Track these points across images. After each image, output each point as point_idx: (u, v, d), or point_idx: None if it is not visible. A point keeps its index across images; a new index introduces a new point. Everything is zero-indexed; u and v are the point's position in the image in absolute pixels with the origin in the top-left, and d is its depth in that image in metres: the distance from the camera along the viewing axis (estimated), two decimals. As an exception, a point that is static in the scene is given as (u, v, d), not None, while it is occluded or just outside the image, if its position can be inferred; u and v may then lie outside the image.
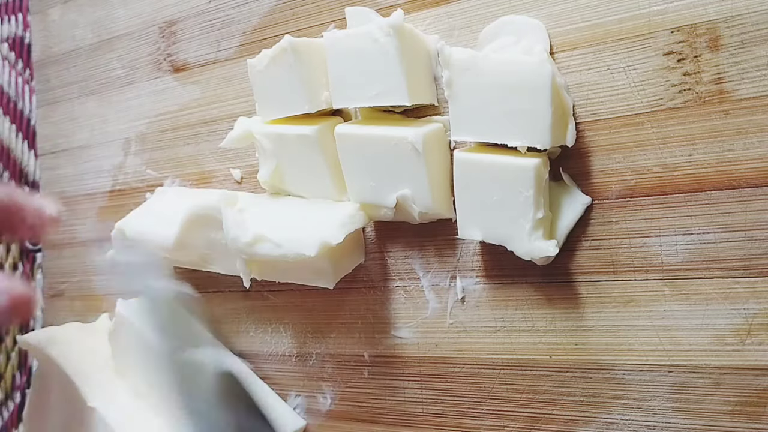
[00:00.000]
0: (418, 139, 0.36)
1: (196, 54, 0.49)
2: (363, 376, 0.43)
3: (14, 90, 0.62)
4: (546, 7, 0.35)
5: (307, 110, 0.39)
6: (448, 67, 0.34)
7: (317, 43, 0.40)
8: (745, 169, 0.31)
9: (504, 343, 0.38)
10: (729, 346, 0.32)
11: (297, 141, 0.40)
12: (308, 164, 0.40)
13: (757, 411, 0.32)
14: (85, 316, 0.54)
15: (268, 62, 0.40)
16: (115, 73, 0.54)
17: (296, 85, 0.39)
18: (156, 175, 0.51)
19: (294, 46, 0.38)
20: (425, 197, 0.37)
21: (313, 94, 0.39)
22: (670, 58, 0.33)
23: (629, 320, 0.34)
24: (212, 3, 0.48)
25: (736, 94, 0.31)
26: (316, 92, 0.39)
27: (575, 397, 0.36)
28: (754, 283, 0.32)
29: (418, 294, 0.40)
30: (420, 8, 0.39)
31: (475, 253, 0.38)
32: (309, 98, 0.39)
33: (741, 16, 0.31)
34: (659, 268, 0.34)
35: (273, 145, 0.41)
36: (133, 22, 0.52)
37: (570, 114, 0.34)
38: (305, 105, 0.39)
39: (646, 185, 0.34)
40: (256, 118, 0.43)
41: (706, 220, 0.32)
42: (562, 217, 0.35)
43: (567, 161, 0.36)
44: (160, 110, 0.51)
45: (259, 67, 0.41)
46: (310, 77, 0.39)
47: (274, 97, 0.41)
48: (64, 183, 0.57)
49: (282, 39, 0.39)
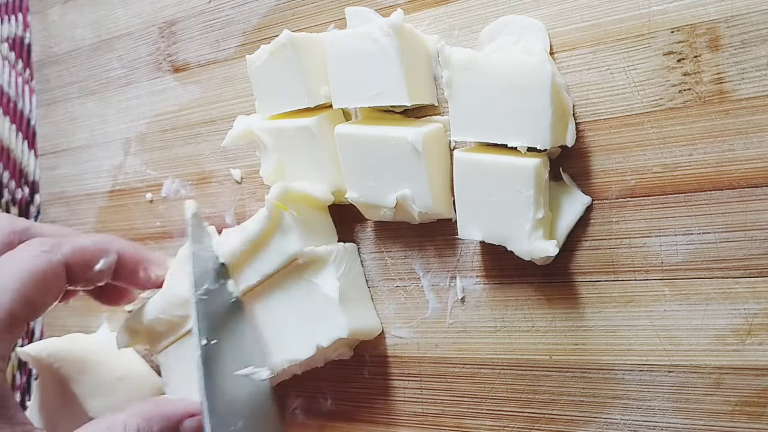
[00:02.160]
0: (418, 139, 0.36)
1: (195, 54, 0.49)
2: (363, 376, 0.43)
3: (14, 90, 0.62)
4: (546, 7, 0.36)
5: (307, 104, 0.40)
6: (448, 67, 0.35)
7: (316, 38, 0.40)
8: (745, 169, 0.31)
9: (504, 343, 0.38)
10: (729, 346, 0.32)
11: (297, 133, 0.40)
12: (309, 156, 0.40)
13: (757, 411, 0.32)
14: (84, 316, 0.54)
15: (267, 57, 0.40)
16: (114, 73, 0.54)
17: (295, 80, 0.39)
18: (156, 175, 0.51)
19: (292, 40, 0.39)
20: (425, 197, 0.37)
21: (313, 88, 0.39)
22: (670, 58, 0.33)
23: (629, 320, 0.34)
24: (212, 3, 0.48)
25: (736, 94, 0.31)
26: (316, 86, 0.40)
27: (575, 397, 0.36)
28: (754, 283, 0.32)
29: (418, 294, 0.40)
30: (420, 8, 0.39)
31: (475, 253, 0.38)
32: (308, 92, 0.39)
33: (741, 16, 0.31)
34: (659, 268, 0.34)
35: (273, 140, 0.41)
36: (133, 22, 0.52)
37: (570, 114, 0.34)
38: (304, 99, 0.39)
39: (646, 185, 0.34)
40: (255, 115, 0.43)
41: (706, 220, 0.32)
42: (562, 217, 0.35)
43: (567, 161, 0.36)
44: (159, 110, 0.51)
45: (258, 63, 0.41)
46: (309, 71, 0.39)
47: (273, 93, 0.41)
48: (63, 183, 0.57)
49: (280, 34, 0.39)
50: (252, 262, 0.41)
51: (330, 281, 0.39)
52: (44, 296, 0.37)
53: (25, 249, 0.38)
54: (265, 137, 0.41)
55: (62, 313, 0.56)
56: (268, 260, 0.40)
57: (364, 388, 0.43)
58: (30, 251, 0.37)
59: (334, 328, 0.38)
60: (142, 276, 0.43)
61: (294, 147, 0.41)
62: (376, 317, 0.42)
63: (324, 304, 0.39)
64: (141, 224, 0.52)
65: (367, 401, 0.43)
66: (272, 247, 0.40)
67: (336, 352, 0.42)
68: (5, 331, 0.35)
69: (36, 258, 0.37)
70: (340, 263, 0.40)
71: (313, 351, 0.39)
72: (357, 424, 0.43)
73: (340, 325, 0.38)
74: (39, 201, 0.60)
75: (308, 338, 0.39)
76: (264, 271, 0.40)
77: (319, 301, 0.39)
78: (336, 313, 0.38)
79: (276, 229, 0.40)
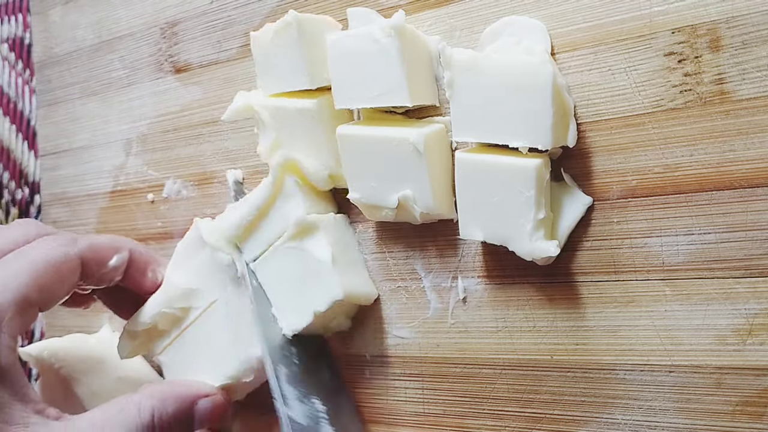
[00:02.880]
0: (420, 140, 0.36)
1: (197, 55, 0.49)
2: (364, 375, 0.43)
3: (14, 90, 0.62)
4: (547, 8, 0.36)
5: (308, 86, 0.40)
6: (450, 68, 0.35)
7: (321, 20, 0.41)
8: (746, 169, 0.32)
9: (505, 344, 0.38)
10: (730, 346, 0.32)
11: (297, 114, 0.40)
12: (307, 137, 0.40)
13: (758, 411, 0.32)
14: (86, 316, 0.54)
15: (272, 36, 0.40)
16: (116, 73, 0.54)
17: (299, 61, 0.39)
18: (157, 176, 0.51)
19: (299, 20, 0.39)
20: (427, 198, 0.37)
21: (316, 70, 0.40)
22: (671, 58, 0.33)
23: (630, 320, 0.34)
24: (214, 4, 0.48)
25: (737, 94, 0.32)
26: (318, 69, 0.40)
27: (576, 397, 0.36)
28: (755, 283, 0.32)
29: (420, 294, 0.40)
30: (421, 9, 0.40)
31: (476, 254, 0.39)
32: (311, 74, 0.39)
33: (742, 17, 0.31)
34: (660, 269, 0.34)
35: (273, 118, 0.41)
36: (135, 22, 0.52)
37: (571, 114, 0.35)
38: (307, 80, 0.40)
39: (647, 185, 0.34)
40: (256, 91, 0.43)
41: (707, 221, 0.32)
42: (563, 218, 0.35)
43: (568, 162, 0.36)
44: (161, 111, 0.51)
45: (263, 40, 0.41)
46: (313, 53, 0.39)
47: (275, 71, 0.41)
48: (65, 183, 0.57)
49: (287, 14, 0.39)
50: (256, 232, 0.41)
51: (322, 246, 0.39)
52: (58, 286, 0.38)
53: (42, 241, 0.39)
54: (265, 114, 0.42)
55: (63, 314, 0.56)
56: (272, 227, 0.40)
57: (365, 388, 0.43)
58: (48, 243, 0.39)
59: (329, 291, 0.38)
60: (150, 277, 0.44)
61: (293, 127, 0.41)
62: (371, 283, 0.42)
63: (317, 269, 0.39)
64: (142, 225, 0.52)
65: (369, 401, 0.43)
66: (275, 213, 0.40)
67: (335, 322, 0.42)
68: (18, 313, 0.36)
69: (53, 249, 0.38)
70: (331, 231, 0.40)
71: (310, 318, 0.39)
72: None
73: (335, 286, 0.38)
74: (39, 201, 0.60)
75: (305, 305, 0.39)
76: (268, 239, 0.41)
77: (313, 266, 0.39)
78: (329, 275, 0.38)
79: (279, 194, 0.40)
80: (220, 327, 0.43)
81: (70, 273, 0.39)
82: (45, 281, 0.37)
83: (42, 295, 0.37)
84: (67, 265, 0.39)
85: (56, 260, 0.38)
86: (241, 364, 0.42)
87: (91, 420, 0.36)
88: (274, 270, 0.41)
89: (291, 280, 0.40)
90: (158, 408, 0.38)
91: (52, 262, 0.38)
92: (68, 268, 0.39)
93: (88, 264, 0.40)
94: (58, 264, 0.38)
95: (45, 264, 0.37)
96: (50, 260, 0.38)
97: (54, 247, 0.38)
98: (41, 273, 0.37)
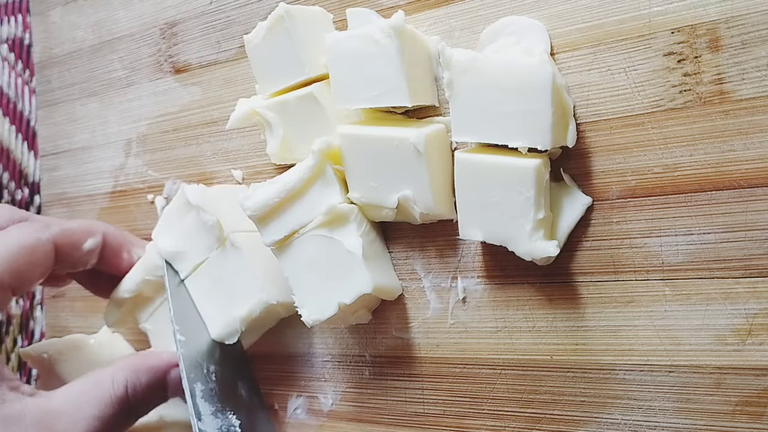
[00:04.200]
0: (420, 140, 0.36)
1: (197, 55, 0.49)
2: (364, 376, 0.43)
3: (14, 91, 0.62)
4: (547, 8, 0.36)
5: (307, 74, 0.40)
6: (449, 68, 0.35)
7: (313, 10, 0.41)
8: (745, 169, 0.32)
9: (505, 344, 0.38)
10: (730, 346, 0.32)
11: (300, 103, 0.40)
12: (313, 124, 0.40)
13: (757, 411, 0.32)
14: (86, 316, 0.54)
15: (265, 34, 0.41)
16: (116, 74, 0.54)
17: (294, 52, 0.40)
18: (157, 176, 0.51)
19: (289, 11, 0.39)
20: (426, 198, 0.37)
21: (312, 58, 0.40)
22: (670, 58, 0.33)
23: (630, 320, 0.34)
24: (213, 4, 0.48)
25: (737, 94, 0.32)
26: (314, 56, 0.40)
27: (576, 398, 0.36)
28: (754, 283, 0.32)
29: (420, 294, 0.40)
30: (421, 9, 0.40)
31: (476, 254, 0.39)
32: (308, 62, 0.40)
33: (741, 17, 0.31)
34: (660, 269, 0.34)
35: (277, 115, 0.42)
36: (134, 23, 0.53)
37: (570, 115, 0.35)
38: (304, 69, 0.40)
39: (647, 185, 0.34)
40: (256, 97, 0.44)
41: (707, 221, 0.32)
42: (562, 218, 0.35)
43: (568, 162, 0.36)
44: (161, 111, 0.51)
45: (256, 41, 0.41)
46: (307, 41, 0.40)
47: (273, 69, 0.41)
48: (64, 184, 0.57)
49: (277, 7, 0.39)
50: (281, 214, 0.39)
51: (353, 238, 0.38)
52: (31, 270, 0.39)
53: (16, 227, 0.40)
54: (269, 114, 0.42)
55: (63, 314, 0.56)
56: (302, 212, 0.39)
57: (365, 388, 0.43)
58: (21, 229, 0.40)
59: (358, 284, 0.37)
60: (126, 258, 0.45)
61: (298, 118, 0.41)
62: (397, 279, 0.41)
63: (346, 260, 0.38)
64: (142, 225, 0.52)
65: (368, 401, 0.43)
66: (308, 198, 0.39)
67: (356, 315, 0.41)
68: None
69: (26, 235, 0.39)
70: (361, 223, 0.40)
71: (335, 309, 0.38)
72: (358, 424, 0.43)
73: (365, 280, 0.37)
74: (39, 202, 0.60)
75: (329, 296, 0.38)
76: (294, 224, 0.39)
77: (341, 257, 0.38)
78: (360, 268, 0.37)
79: (318, 179, 0.39)
80: (202, 291, 0.43)
81: (44, 257, 0.40)
82: (18, 265, 0.38)
83: (15, 279, 0.38)
84: (40, 250, 0.39)
85: (29, 245, 0.39)
86: (224, 327, 0.42)
87: (66, 395, 0.37)
88: (299, 256, 0.39)
89: (316, 268, 0.39)
90: (131, 379, 0.39)
91: (25, 246, 0.39)
92: (41, 253, 0.40)
93: (61, 248, 0.41)
94: (31, 248, 0.39)
95: (18, 248, 0.38)
96: (23, 245, 0.39)
97: (27, 233, 0.39)
98: (15, 257, 0.38)
